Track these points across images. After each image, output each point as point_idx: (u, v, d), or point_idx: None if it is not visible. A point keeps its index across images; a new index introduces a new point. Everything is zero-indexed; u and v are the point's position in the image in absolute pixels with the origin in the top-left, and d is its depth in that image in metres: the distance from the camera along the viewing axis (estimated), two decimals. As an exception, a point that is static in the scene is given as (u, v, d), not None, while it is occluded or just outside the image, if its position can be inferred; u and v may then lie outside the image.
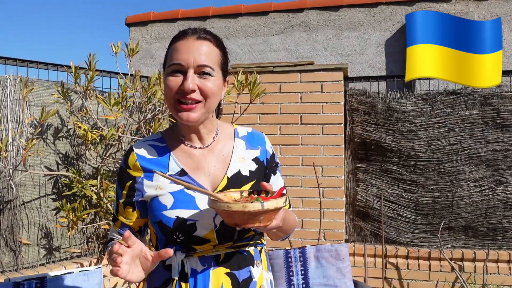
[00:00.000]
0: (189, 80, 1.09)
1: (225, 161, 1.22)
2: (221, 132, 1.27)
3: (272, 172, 1.32)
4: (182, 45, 1.13)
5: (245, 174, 1.22)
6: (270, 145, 1.33)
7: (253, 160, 1.26)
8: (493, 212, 3.54)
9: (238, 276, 1.17)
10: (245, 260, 1.20)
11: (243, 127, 1.33)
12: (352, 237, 3.79)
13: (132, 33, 4.90)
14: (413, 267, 3.53)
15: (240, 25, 4.62)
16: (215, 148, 1.23)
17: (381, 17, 4.29)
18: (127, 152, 1.22)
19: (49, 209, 3.09)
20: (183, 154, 1.20)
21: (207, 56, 1.12)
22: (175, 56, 1.12)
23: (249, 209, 0.95)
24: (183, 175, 1.17)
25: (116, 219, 1.25)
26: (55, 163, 3.12)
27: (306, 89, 3.65)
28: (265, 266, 1.27)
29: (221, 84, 1.18)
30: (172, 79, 1.12)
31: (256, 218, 0.98)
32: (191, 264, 1.15)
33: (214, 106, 1.16)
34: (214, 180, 1.19)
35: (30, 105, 2.98)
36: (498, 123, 3.56)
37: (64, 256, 3.17)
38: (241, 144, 1.27)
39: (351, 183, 3.80)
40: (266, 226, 1.02)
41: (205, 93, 1.11)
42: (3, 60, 2.97)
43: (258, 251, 1.25)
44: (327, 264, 2.77)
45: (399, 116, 3.67)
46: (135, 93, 3.21)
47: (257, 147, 1.29)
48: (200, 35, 1.14)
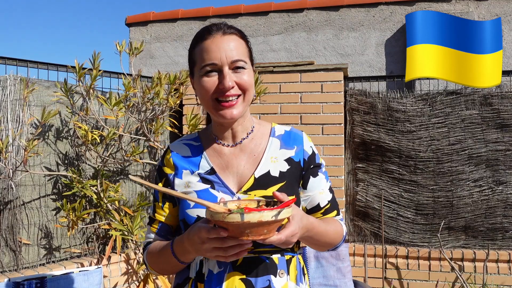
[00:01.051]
0: (227, 78, 1.09)
1: (255, 161, 1.19)
2: (257, 130, 1.24)
3: (311, 174, 1.22)
4: (211, 44, 1.11)
5: (274, 175, 1.17)
6: (311, 144, 1.25)
7: (286, 161, 1.20)
8: (493, 212, 3.54)
9: (254, 283, 1.10)
10: (266, 268, 1.12)
11: (282, 126, 1.28)
12: (352, 237, 3.79)
13: (132, 33, 4.91)
14: (413, 267, 3.53)
15: (240, 25, 4.62)
16: (248, 146, 1.20)
17: (381, 17, 4.29)
18: (165, 150, 1.25)
19: (49, 209, 3.09)
20: (214, 152, 1.20)
21: (238, 50, 1.12)
22: (206, 56, 1.11)
23: (227, 220, 0.88)
24: (212, 174, 1.17)
25: (153, 220, 1.24)
26: (55, 163, 3.12)
27: (306, 89, 3.65)
28: (293, 277, 1.16)
29: (253, 75, 1.18)
30: (207, 80, 1.11)
31: (243, 232, 0.90)
32: (209, 265, 1.13)
33: (252, 98, 1.17)
34: (241, 180, 1.17)
35: (30, 105, 2.98)
36: (498, 123, 3.56)
37: (64, 256, 3.17)
38: (275, 143, 1.22)
39: (351, 183, 3.80)
40: (265, 240, 0.94)
41: (243, 86, 1.12)
42: (3, 60, 2.97)
43: (285, 259, 1.15)
44: (327, 264, 2.77)
45: (399, 116, 3.67)
46: (136, 93, 3.21)
47: (293, 147, 1.22)
48: (225, 31, 1.13)
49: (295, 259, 1.18)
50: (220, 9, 4.66)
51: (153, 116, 3.33)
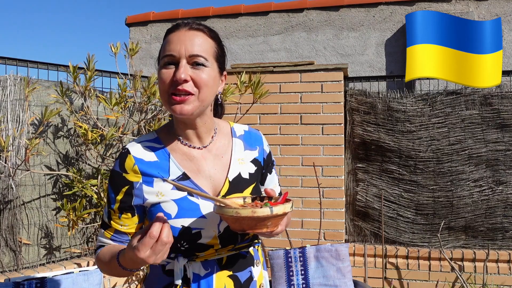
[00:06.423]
0: (181, 69, 1.04)
1: (225, 164, 1.17)
2: (219, 131, 1.21)
3: (269, 171, 1.29)
4: (174, 36, 1.09)
5: (245, 177, 1.18)
6: (267, 143, 1.30)
7: (252, 162, 1.22)
8: (493, 212, 3.54)
9: (240, 277, 1.17)
10: (246, 261, 1.20)
11: (239, 125, 1.28)
12: (352, 237, 3.79)
13: (132, 33, 4.91)
14: (413, 267, 3.53)
15: (240, 25, 4.62)
16: (213, 148, 1.18)
17: (381, 17, 4.28)
18: (121, 154, 1.12)
19: (49, 209, 3.09)
20: (183, 156, 1.14)
21: (200, 46, 1.08)
22: (167, 47, 1.08)
23: (258, 214, 0.94)
24: (185, 180, 1.11)
25: (108, 226, 1.15)
26: (55, 163, 3.12)
27: (306, 89, 3.65)
28: (261, 264, 1.27)
29: (217, 77, 1.12)
30: (164, 72, 1.07)
31: (264, 223, 0.98)
32: (193, 269, 1.11)
33: (209, 99, 1.10)
34: (216, 184, 1.15)
35: (30, 105, 2.98)
36: (498, 123, 3.56)
37: (64, 256, 3.17)
38: (239, 145, 1.22)
39: (351, 183, 3.80)
40: (272, 232, 1.02)
41: (199, 84, 1.06)
42: (3, 60, 2.97)
43: (256, 250, 1.25)
44: (327, 264, 2.77)
45: (399, 116, 3.67)
46: (135, 93, 3.21)
47: (255, 147, 1.25)
48: (192, 26, 1.10)
49: (259, 248, 1.28)
50: (220, 9, 4.66)
51: (153, 116, 3.33)
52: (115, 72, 3.49)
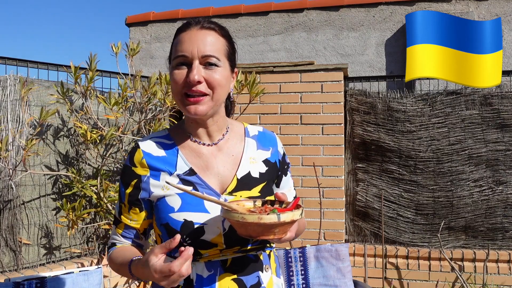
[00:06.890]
0: (195, 71, 1.05)
1: (235, 162, 1.17)
2: (231, 130, 1.22)
3: (284, 173, 1.28)
4: (186, 36, 1.08)
5: (255, 176, 1.18)
6: (282, 145, 1.29)
7: (264, 162, 1.21)
8: (493, 212, 3.54)
9: (245, 282, 1.12)
10: (254, 265, 1.14)
11: (254, 126, 1.28)
12: (352, 237, 3.79)
13: (132, 33, 4.91)
14: (413, 267, 3.53)
15: (240, 25, 4.62)
16: (224, 146, 1.18)
17: (381, 17, 4.29)
18: (132, 149, 1.16)
19: (49, 209, 3.09)
20: (192, 152, 1.15)
21: (212, 46, 1.08)
22: (179, 48, 1.08)
23: (264, 221, 0.92)
24: (192, 175, 1.12)
25: (119, 221, 1.18)
26: (55, 163, 3.12)
27: (306, 89, 3.65)
28: (273, 270, 1.20)
29: (229, 76, 1.13)
30: (177, 73, 1.07)
31: (271, 230, 0.95)
32: (196, 270, 1.10)
33: (222, 99, 1.12)
34: (224, 181, 1.15)
35: (30, 105, 2.98)
36: (498, 123, 3.56)
37: (64, 256, 3.17)
38: (252, 144, 1.22)
39: (351, 183, 3.80)
40: (280, 239, 0.99)
41: (212, 84, 1.07)
42: (3, 60, 2.97)
43: (267, 255, 1.19)
44: (327, 264, 2.77)
45: (399, 116, 3.67)
46: (135, 93, 3.21)
47: (268, 148, 1.24)
48: (203, 25, 1.10)
49: (272, 253, 1.23)
50: (220, 9, 4.66)
51: (153, 116, 3.33)
52: (116, 72, 3.49)
